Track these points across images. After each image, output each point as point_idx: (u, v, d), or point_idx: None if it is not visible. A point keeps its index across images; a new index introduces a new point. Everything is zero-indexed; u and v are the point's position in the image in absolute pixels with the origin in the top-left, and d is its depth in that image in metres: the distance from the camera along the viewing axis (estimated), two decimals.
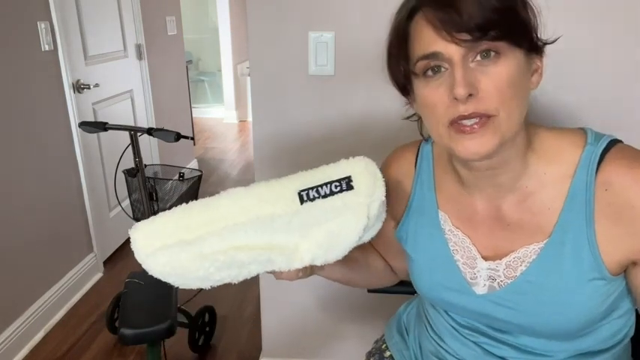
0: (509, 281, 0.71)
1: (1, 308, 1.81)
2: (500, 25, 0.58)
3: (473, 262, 0.75)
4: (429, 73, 0.62)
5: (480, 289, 0.74)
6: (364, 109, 1.33)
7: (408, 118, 0.79)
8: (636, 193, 0.61)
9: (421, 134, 0.81)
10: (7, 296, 1.84)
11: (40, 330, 1.99)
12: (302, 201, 0.63)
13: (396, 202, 0.84)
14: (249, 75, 1.31)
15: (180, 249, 0.63)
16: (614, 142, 0.67)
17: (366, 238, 0.71)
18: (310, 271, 0.75)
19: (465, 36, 0.57)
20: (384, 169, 0.89)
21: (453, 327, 0.82)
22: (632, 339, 0.78)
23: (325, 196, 0.63)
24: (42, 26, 1.95)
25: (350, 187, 0.64)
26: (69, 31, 2.16)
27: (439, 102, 0.62)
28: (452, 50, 0.59)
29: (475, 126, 0.60)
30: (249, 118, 5.56)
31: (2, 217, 1.79)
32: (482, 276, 0.74)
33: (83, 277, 2.30)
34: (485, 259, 0.73)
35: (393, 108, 1.31)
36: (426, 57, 0.61)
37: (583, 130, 0.69)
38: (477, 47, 0.58)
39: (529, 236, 0.70)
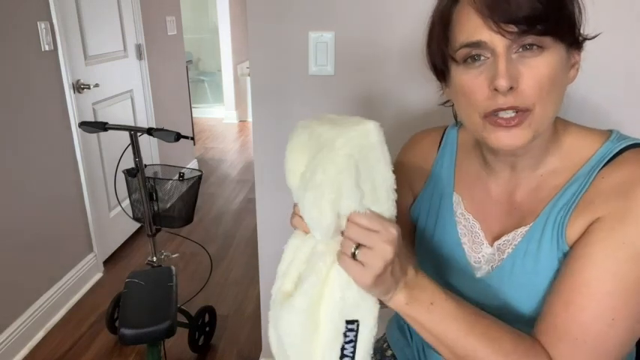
0: (498, 264, 0.71)
1: (1, 308, 1.81)
2: (548, 19, 0.57)
3: (479, 247, 0.75)
4: (469, 60, 0.62)
5: (480, 272, 0.74)
6: (364, 108, 1.33)
7: (443, 104, 0.79)
8: (635, 190, 0.59)
9: (455, 119, 0.81)
10: (7, 296, 1.84)
11: (40, 330, 1.99)
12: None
13: (414, 179, 0.85)
14: (249, 75, 1.30)
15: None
16: (637, 145, 0.65)
17: None
18: None
19: (512, 27, 0.57)
20: (407, 150, 0.89)
21: None
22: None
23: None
24: (42, 26, 1.95)
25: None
26: (69, 31, 2.16)
27: (478, 91, 0.61)
28: (496, 41, 0.58)
29: (512, 121, 0.60)
30: (249, 118, 5.57)
31: (2, 216, 1.79)
32: (484, 260, 0.74)
33: (83, 277, 2.30)
34: (491, 244, 0.74)
35: (393, 107, 1.32)
36: (470, 45, 0.60)
37: (610, 131, 0.69)
38: (522, 40, 0.58)
39: (521, 220, 0.70)
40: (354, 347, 0.61)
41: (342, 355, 0.61)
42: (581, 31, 0.63)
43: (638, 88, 1.19)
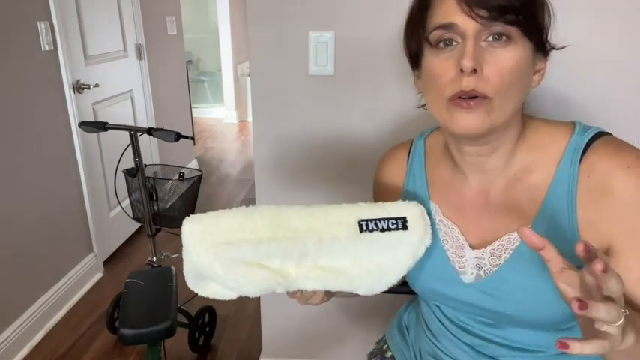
0: (494, 269, 0.72)
1: (1, 308, 1.81)
2: (519, 10, 0.60)
3: (461, 250, 0.76)
4: (441, 45, 0.65)
5: (468, 277, 0.75)
6: (364, 108, 1.33)
7: (422, 106, 0.80)
8: (616, 179, 0.63)
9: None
10: (7, 296, 1.84)
11: (40, 330, 1.99)
12: (361, 230, 0.67)
13: (391, 198, 0.85)
14: (249, 75, 1.30)
15: (238, 248, 0.64)
16: (601, 134, 0.69)
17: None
18: (328, 298, 0.77)
19: (483, 12, 0.60)
20: (379, 170, 0.92)
21: (444, 326, 0.83)
22: None
23: (383, 230, 0.68)
24: (42, 26, 1.95)
25: (405, 227, 0.68)
26: (69, 31, 2.16)
27: (444, 74, 0.64)
28: (468, 24, 0.61)
29: (471, 102, 0.63)
30: (249, 118, 5.57)
31: (2, 216, 1.80)
32: (469, 265, 0.75)
33: (83, 277, 2.30)
34: (473, 247, 0.75)
35: (393, 107, 1.32)
36: (443, 27, 0.63)
37: (572, 123, 0.72)
38: (492, 26, 0.61)
39: (513, 223, 0.71)
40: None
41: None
42: (549, 39, 0.67)
43: (625, 86, 1.20)
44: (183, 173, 2.13)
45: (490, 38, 0.62)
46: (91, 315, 2.13)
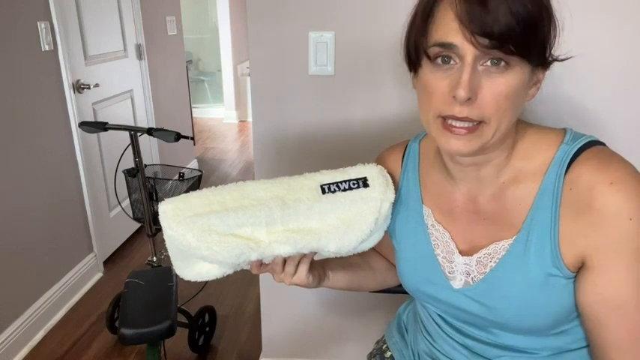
0: (481, 277, 0.72)
1: (1, 308, 1.81)
2: (521, 39, 0.58)
3: (451, 256, 0.76)
4: (439, 61, 0.63)
5: (457, 283, 0.75)
6: (364, 108, 1.33)
7: None
8: (597, 195, 0.62)
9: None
10: (7, 296, 1.84)
11: (40, 330, 2.00)
12: (324, 192, 0.72)
13: None
14: (249, 75, 1.31)
15: (209, 219, 0.69)
16: (592, 144, 0.67)
17: (369, 245, 0.78)
18: (318, 280, 0.81)
19: (484, 40, 0.58)
20: None
21: (439, 327, 0.83)
22: None
23: (344, 190, 0.73)
24: (42, 26, 1.95)
25: (366, 185, 0.73)
26: (69, 31, 2.16)
27: (438, 93, 0.63)
28: (467, 49, 0.59)
29: (462, 130, 0.62)
30: (250, 119, 5.58)
31: (2, 217, 1.80)
32: (458, 270, 0.75)
33: (83, 277, 2.30)
34: (463, 253, 0.75)
35: (393, 107, 1.32)
36: (442, 45, 0.61)
37: (564, 130, 0.71)
38: (492, 53, 0.59)
39: (500, 232, 0.71)
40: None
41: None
42: (553, 52, 0.65)
43: (629, 90, 1.20)
44: (183, 173, 2.14)
45: (489, 62, 0.60)
46: (91, 315, 2.13)
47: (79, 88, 2.23)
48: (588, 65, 1.18)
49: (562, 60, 0.67)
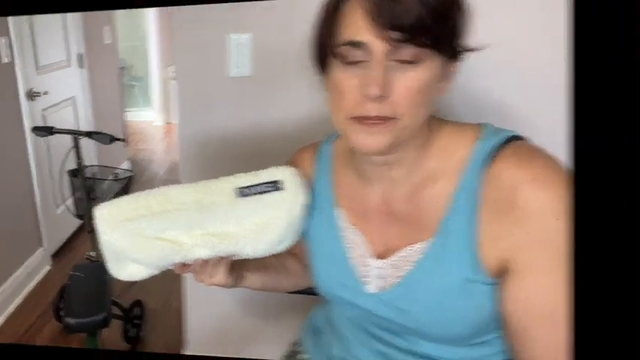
0: (396, 281, 0.69)
1: None
2: (431, 31, 0.56)
3: (365, 260, 0.73)
4: (349, 59, 0.60)
5: (372, 287, 0.72)
6: (283, 108, 1.35)
7: None
8: (520, 192, 0.58)
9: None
10: None
11: None
12: (239, 196, 0.73)
13: None
14: (174, 79, 1.50)
15: (139, 223, 0.71)
16: (512, 139, 0.64)
17: (283, 247, 0.78)
18: (235, 281, 0.80)
19: (395, 34, 0.55)
20: None
21: (353, 332, 0.80)
22: None
23: (258, 193, 0.73)
24: (2, 41, 2.14)
25: (279, 189, 0.73)
26: (24, 44, 2.33)
27: (349, 92, 0.60)
28: (377, 45, 0.56)
29: (375, 123, 0.60)
30: (175, 120, 5.72)
31: None
32: (373, 274, 0.72)
33: (33, 270, 2.45)
34: (378, 256, 0.72)
35: (311, 106, 1.33)
36: (351, 44, 0.58)
37: (481, 126, 0.67)
38: (402, 47, 0.56)
39: (415, 234, 0.68)
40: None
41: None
42: (463, 42, 0.62)
43: (545, 86, 1.19)
44: (117, 174, 2.29)
45: (400, 57, 0.57)
46: (40, 305, 2.25)
47: (31, 95, 2.39)
48: (506, 57, 1.15)
49: (474, 50, 0.63)
